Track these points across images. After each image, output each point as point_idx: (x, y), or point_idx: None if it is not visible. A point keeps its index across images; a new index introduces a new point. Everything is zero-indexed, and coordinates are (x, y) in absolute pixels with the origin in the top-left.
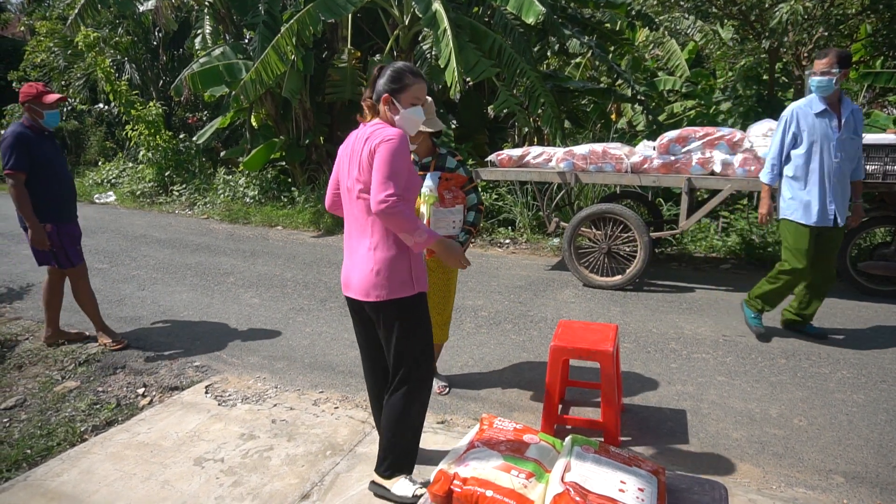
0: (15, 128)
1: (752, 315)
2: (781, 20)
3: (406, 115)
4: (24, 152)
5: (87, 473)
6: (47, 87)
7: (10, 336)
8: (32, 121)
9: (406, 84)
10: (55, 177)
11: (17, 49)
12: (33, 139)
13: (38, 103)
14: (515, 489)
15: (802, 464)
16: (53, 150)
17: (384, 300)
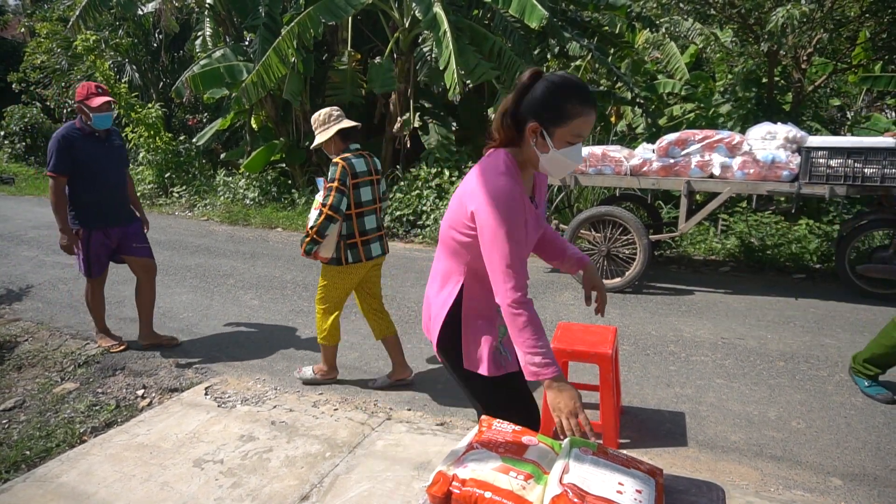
0: (63, 129)
1: (865, 384)
2: (778, 24)
3: (556, 158)
4: (66, 155)
5: (87, 475)
6: (100, 89)
7: (10, 337)
8: (83, 122)
9: (569, 115)
10: (96, 180)
11: (18, 50)
12: (79, 140)
13: (87, 105)
14: (514, 490)
15: (800, 466)
16: (102, 152)
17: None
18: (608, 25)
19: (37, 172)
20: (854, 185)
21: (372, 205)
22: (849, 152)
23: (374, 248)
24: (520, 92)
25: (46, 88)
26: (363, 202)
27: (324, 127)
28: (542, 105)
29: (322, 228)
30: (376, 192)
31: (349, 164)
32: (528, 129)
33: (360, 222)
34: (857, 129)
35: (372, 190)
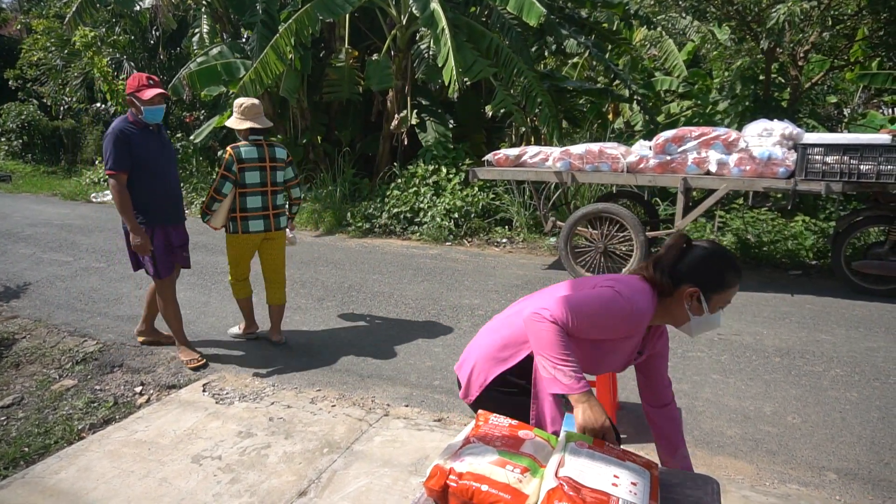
0: (117, 123)
1: None
2: (779, 21)
3: (708, 321)
4: (124, 150)
5: (85, 471)
6: (151, 80)
7: (8, 335)
8: (135, 115)
9: (728, 284)
10: (155, 176)
11: (14, 47)
12: (135, 135)
13: (137, 97)
14: (510, 483)
15: (796, 461)
16: (157, 146)
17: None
18: (606, 23)
19: (34, 170)
20: (850, 181)
21: (257, 187)
22: (845, 149)
23: (254, 224)
24: (678, 254)
25: (43, 85)
26: (247, 184)
27: (241, 117)
28: (705, 273)
29: (209, 204)
30: (267, 176)
31: (236, 153)
32: (686, 292)
33: (241, 201)
34: (854, 126)
35: (260, 175)
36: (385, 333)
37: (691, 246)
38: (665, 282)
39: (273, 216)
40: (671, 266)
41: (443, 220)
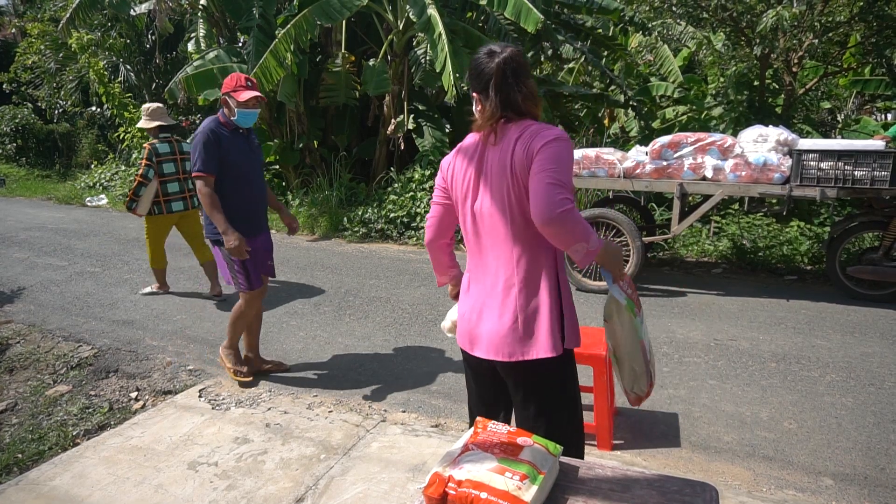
0: (207, 123)
1: None
2: (767, 26)
3: None
4: (214, 152)
5: (80, 477)
6: (249, 81)
7: (1, 339)
8: (226, 116)
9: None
10: (242, 182)
11: (9, 51)
12: (226, 138)
13: (232, 97)
14: (510, 491)
15: (792, 466)
16: (247, 151)
17: (526, 360)
18: (601, 28)
19: (28, 174)
20: (844, 187)
21: (174, 176)
22: (839, 155)
23: (175, 205)
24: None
25: (37, 89)
26: (165, 174)
27: (149, 117)
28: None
29: (137, 190)
30: (179, 166)
31: (153, 148)
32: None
33: (163, 188)
34: (848, 131)
35: (175, 165)
36: (382, 338)
37: None
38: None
39: (188, 197)
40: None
41: None
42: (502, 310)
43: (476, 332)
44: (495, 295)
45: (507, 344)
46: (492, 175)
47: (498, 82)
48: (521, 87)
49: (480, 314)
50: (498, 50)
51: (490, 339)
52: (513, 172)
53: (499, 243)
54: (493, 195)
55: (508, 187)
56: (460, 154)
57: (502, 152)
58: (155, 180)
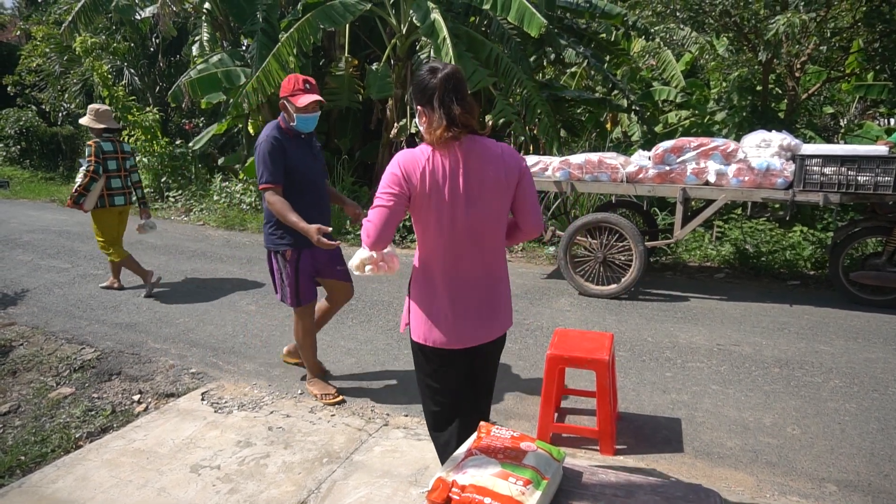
0: (268, 131)
1: None
2: (778, 33)
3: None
4: (279, 161)
5: (83, 480)
6: (307, 84)
7: (5, 341)
8: (286, 121)
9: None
10: (304, 189)
11: (13, 53)
12: (288, 143)
13: (290, 102)
14: (514, 496)
15: (795, 472)
16: (309, 157)
17: (505, 332)
18: (604, 33)
19: (31, 176)
20: (848, 192)
21: (115, 172)
22: (842, 160)
23: (118, 199)
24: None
25: (42, 92)
26: (109, 170)
27: (97, 118)
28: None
29: (88, 185)
30: (120, 164)
31: (98, 145)
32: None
33: (107, 182)
34: (850, 136)
35: (117, 163)
36: (384, 342)
37: None
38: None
39: (128, 194)
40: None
41: None
42: (497, 296)
43: (467, 323)
44: (487, 285)
45: (500, 322)
46: (487, 185)
47: (441, 96)
48: (462, 101)
49: (471, 308)
50: (440, 67)
51: (486, 325)
52: (507, 185)
53: (490, 241)
54: (492, 202)
55: (503, 196)
56: (436, 164)
57: (492, 165)
58: (102, 176)
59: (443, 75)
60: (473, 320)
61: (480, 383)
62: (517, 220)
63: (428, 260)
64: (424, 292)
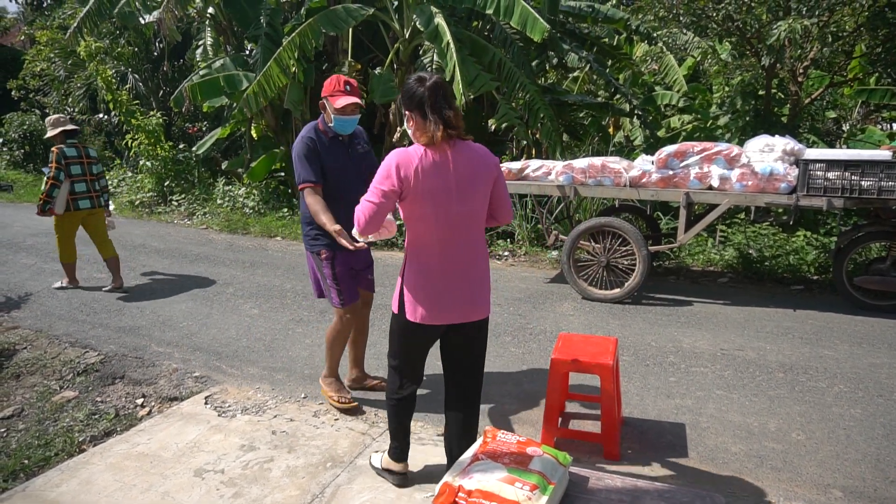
0: (305, 131)
1: None
2: (780, 38)
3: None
4: (315, 161)
5: (87, 484)
6: (348, 85)
7: (8, 345)
8: (325, 123)
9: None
10: (340, 192)
11: (17, 58)
12: (323, 145)
13: (329, 103)
14: (520, 501)
15: (801, 478)
16: (345, 159)
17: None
18: (606, 37)
19: (35, 179)
20: (851, 197)
21: (81, 176)
22: (846, 165)
23: (83, 203)
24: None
25: (46, 96)
26: (73, 174)
27: (53, 127)
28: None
29: (50, 191)
30: (86, 168)
31: (61, 151)
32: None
33: (71, 187)
34: (853, 141)
35: (82, 167)
36: (387, 347)
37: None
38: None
39: (95, 197)
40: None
41: None
42: (482, 280)
43: (458, 301)
44: (475, 270)
45: (485, 303)
46: (474, 181)
47: (433, 103)
48: (452, 106)
49: (462, 288)
50: (427, 77)
51: (474, 303)
52: (488, 181)
53: (476, 231)
54: (478, 196)
55: (485, 190)
56: (428, 162)
57: (476, 164)
58: (66, 181)
59: (432, 84)
60: (462, 298)
61: (469, 360)
62: (493, 211)
63: (421, 247)
64: (418, 276)
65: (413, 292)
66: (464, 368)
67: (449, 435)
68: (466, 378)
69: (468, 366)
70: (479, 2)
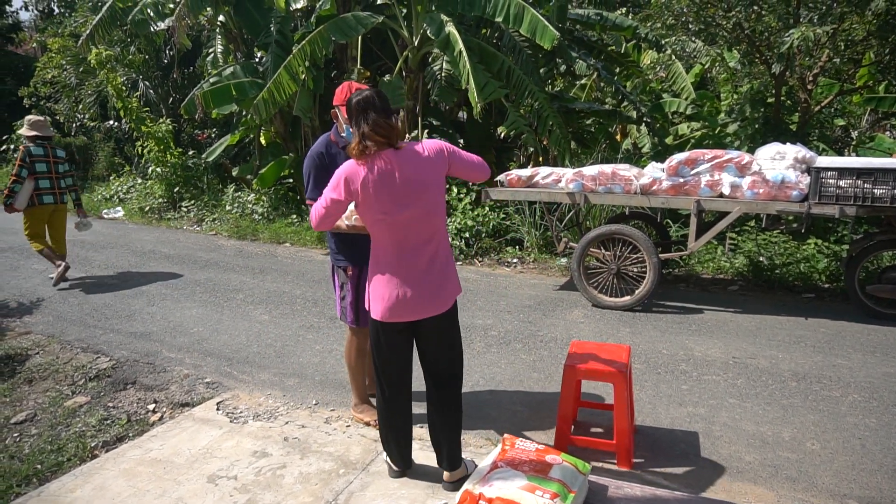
0: (318, 144)
1: None
2: (792, 46)
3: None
4: (325, 175)
5: (101, 489)
6: (369, 94)
7: (21, 350)
8: (337, 133)
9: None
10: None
11: (29, 65)
12: (332, 158)
13: (341, 112)
14: None
15: (816, 488)
16: None
17: (453, 301)
18: (614, 45)
19: None
20: (864, 205)
21: (46, 174)
22: (858, 173)
23: (46, 198)
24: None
25: (57, 103)
26: (38, 171)
27: (30, 127)
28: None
29: (13, 187)
30: (52, 167)
31: (27, 150)
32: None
33: (36, 184)
34: (862, 149)
35: (47, 166)
36: None
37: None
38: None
39: (59, 194)
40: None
41: (453, 239)
42: (443, 274)
43: (416, 301)
44: (434, 265)
45: (448, 296)
46: (422, 183)
47: (354, 119)
48: (369, 120)
49: (422, 285)
50: (354, 94)
51: (435, 298)
52: (439, 178)
53: (431, 229)
54: (429, 196)
55: (437, 189)
56: (374, 176)
57: (423, 167)
58: (30, 178)
59: (355, 100)
60: (422, 295)
61: (439, 351)
62: (465, 178)
63: (379, 248)
64: (379, 277)
65: (375, 291)
66: (436, 359)
67: (433, 429)
68: (438, 367)
69: (439, 357)
70: (489, 10)
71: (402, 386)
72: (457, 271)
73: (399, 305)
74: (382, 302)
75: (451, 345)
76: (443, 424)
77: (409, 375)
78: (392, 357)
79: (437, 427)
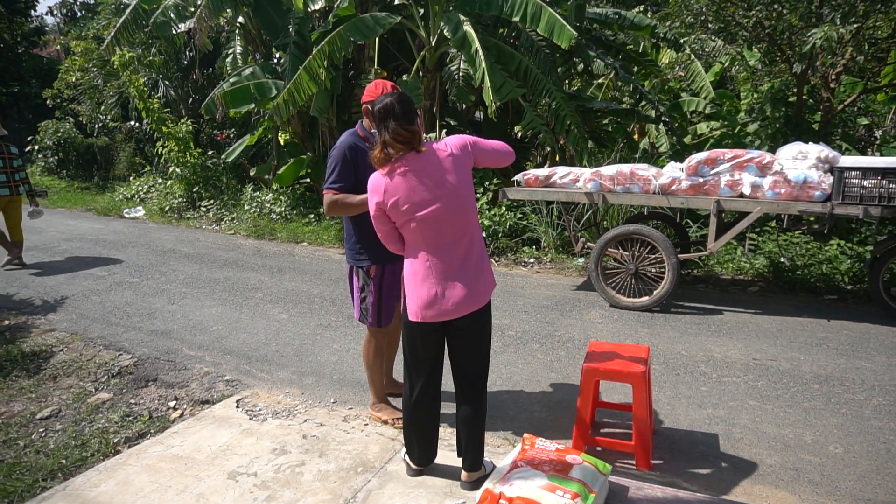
0: (345, 137)
1: None
2: (815, 45)
3: None
4: (350, 168)
5: (124, 484)
6: (395, 90)
7: (45, 347)
8: (365, 129)
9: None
10: None
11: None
12: (364, 152)
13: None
14: None
15: (839, 492)
16: None
17: (489, 298)
18: (632, 44)
19: (68, 185)
20: (889, 206)
21: (0, 169)
22: (883, 172)
23: (2, 191)
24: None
25: (80, 104)
26: None
27: None
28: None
29: None
30: (7, 163)
31: None
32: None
33: None
34: (886, 148)
35: (2, 161)
36: None
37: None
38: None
39: (13, 186)
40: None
41: None
42: (477, 271)
43: (452, 300)
44: (468, 263)
45: (483, 289)
46: (448, 183)
47: (377, 127)
48: (388, 128)
49: (455, 284)
50: (378, 101)
51: (470, 296)
52: (465, 174)
53: (463, 226)
54: (458, 195)
55: (464, 185)
56: (395, 184)
57: (447, 165)
58: None
59: (375, 109)
60: (456, 294)
61: (471, 349)
62: (492, 166)
63: (412, 250)
64: (414, 278)
65: (411, 292)
66: (466, 357)
67: (457, 425)
68: (468, 365)
69: (470, 354)
70: (506, 9)
71: (430, 385)
72: (490, 266)
73: (436, 305)
74: (419, 302)
75: (481, 342)
76: (469, 425)
77: (439, 375)
78: (427, 357)
79: (464, 426)
